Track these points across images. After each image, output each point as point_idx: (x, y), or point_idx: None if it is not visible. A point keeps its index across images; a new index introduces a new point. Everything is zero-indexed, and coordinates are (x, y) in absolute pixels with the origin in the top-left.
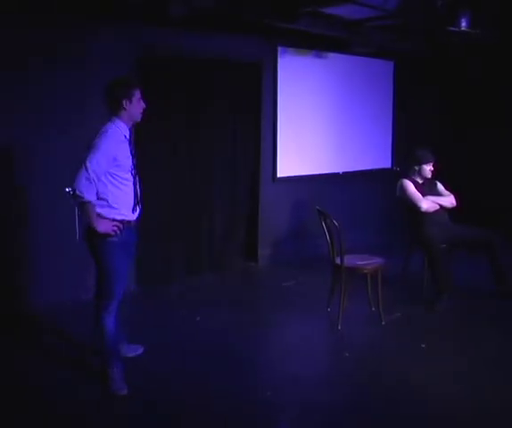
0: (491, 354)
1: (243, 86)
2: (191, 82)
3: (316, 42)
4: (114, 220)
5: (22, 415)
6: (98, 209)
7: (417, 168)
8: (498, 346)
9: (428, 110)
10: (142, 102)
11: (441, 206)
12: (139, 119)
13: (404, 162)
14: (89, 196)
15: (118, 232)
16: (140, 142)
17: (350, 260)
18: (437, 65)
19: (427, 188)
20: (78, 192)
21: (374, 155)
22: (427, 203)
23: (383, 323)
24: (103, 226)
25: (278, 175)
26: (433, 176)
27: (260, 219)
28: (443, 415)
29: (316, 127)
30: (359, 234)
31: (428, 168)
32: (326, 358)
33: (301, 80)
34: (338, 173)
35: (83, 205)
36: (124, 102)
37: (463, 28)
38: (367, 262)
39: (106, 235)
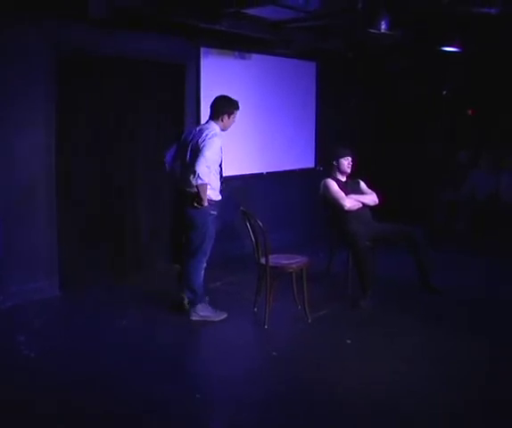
0: (417, 347)
1: (168, 87)
2: (115, 83)
3: (239, 43)
4: (211, 200)
5: None
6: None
7: (335, 163)
8: (422, 339)
9: (351, 110)
10: (234, 120)
11: (363, 204)
12: (226, 131)
13: (327, 162)
14: (207, 180)
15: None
16: (65, 143)
17: (275, 260)
18: (359, 66)
19: (350, 187)
20: (200, 176)
21: (297, 155)
22: (350, 202)
23: (309, 321)
24: (206, 202)
25: None
26: (352, 171)
27: None
28: (371, 410)
29: (239, 128)
30: (284, 233)
31: (346, 163)
32: (253, 358)
33: (225, 81)
34: (262, 173)
35: (202, 186)
36: (225, 116)
37: (383, 31)
38: (292, 261)
39: (209, 210)
